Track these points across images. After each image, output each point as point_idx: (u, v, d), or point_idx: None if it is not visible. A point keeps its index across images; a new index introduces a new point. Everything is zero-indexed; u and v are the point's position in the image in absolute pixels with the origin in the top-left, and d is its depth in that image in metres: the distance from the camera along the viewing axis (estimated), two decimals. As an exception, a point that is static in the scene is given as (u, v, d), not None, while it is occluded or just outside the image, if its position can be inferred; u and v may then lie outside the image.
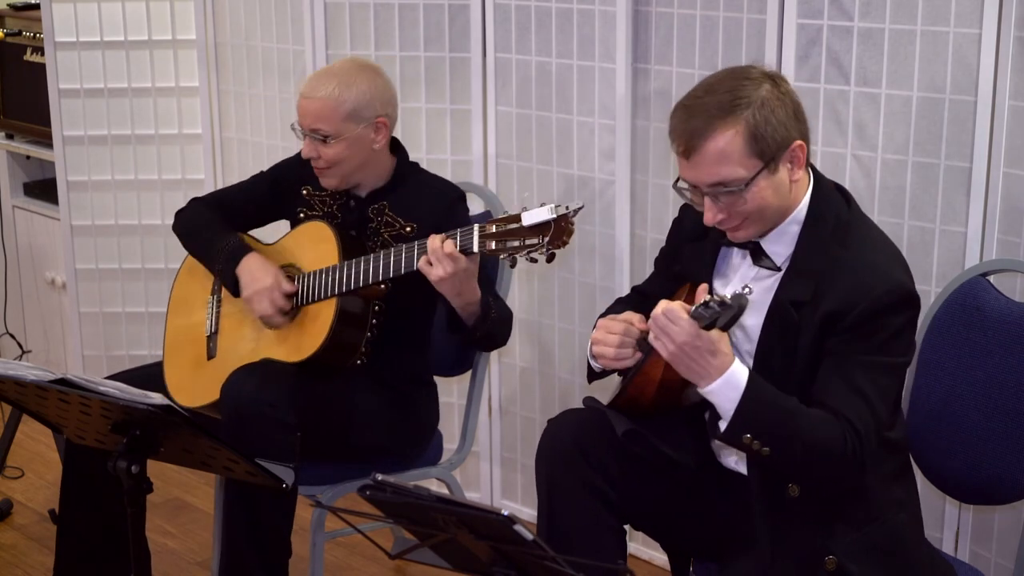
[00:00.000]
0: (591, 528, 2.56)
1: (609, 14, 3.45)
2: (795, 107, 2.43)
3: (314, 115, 3.09)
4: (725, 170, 2.38)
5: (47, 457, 4.26)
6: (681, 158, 2.43)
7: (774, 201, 2.43)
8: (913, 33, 2.98)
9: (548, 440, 2.62)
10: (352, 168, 3.13)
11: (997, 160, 2.93)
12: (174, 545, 3.81)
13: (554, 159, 3.65)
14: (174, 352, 3.29)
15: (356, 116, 3.09)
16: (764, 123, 2.38)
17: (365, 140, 3.11)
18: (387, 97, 3.15)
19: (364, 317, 3.06)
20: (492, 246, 2.80)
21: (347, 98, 3.07)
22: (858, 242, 2.46)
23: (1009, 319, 2.64)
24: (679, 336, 2.29)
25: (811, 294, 2.42)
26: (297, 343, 3.07)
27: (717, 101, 2.39)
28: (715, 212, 2.43)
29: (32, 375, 2.43)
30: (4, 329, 4.90)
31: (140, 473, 2.45)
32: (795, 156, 2.43)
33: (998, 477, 2.63)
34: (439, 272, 2.85)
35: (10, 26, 4.64)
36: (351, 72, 3.11)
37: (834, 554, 2.41)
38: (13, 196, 4.81)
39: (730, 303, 2.22)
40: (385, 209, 3.16)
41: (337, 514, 2.25)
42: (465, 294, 2.92)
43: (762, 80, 2.42)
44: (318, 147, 3.10)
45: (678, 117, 2.43)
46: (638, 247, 3.56)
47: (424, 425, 3.25)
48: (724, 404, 2.34)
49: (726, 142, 2.37)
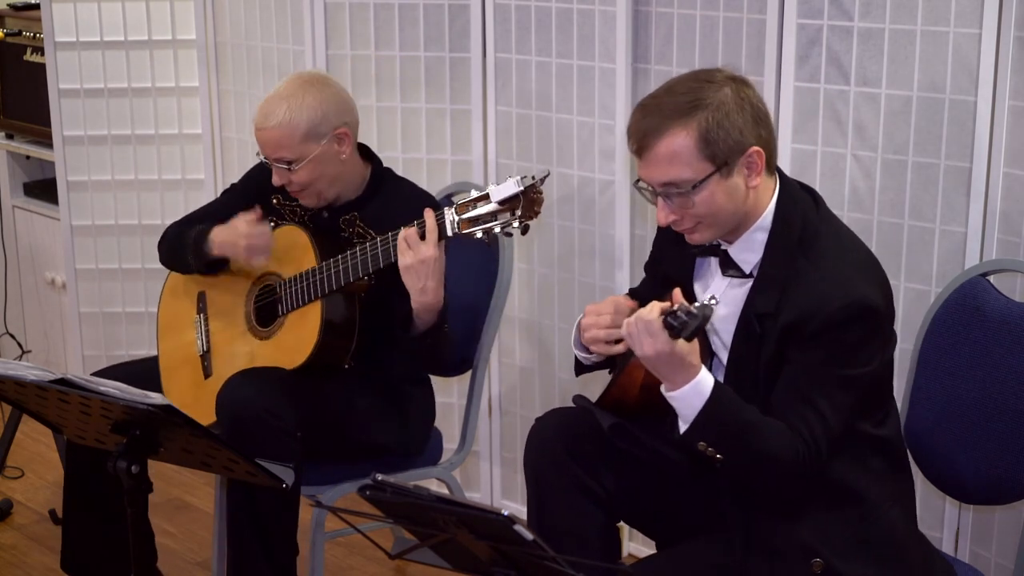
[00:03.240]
0: (581, 526, 2.57)
1: (609, 14, 3.45)
2: (755, 112, 2.42)
3: (273, 144, 3.06)
4: (674, 171, 2.39)
5: (47, 457, 4.26)
6: (636, 157, 2.45)
7: (727, 206, 2.43)
8: (913, 33, 2.98)
9: (535, 439, 2.63)
10: (326, 184, 3.11)
11: (997, 160, 2.93)
12: (174, 545, 3.81)
13: (554, 159, 3.65)
14: (171, 375, 3.29)
15: (314, 134, 3.05)
16: (717, 127, 2.38)
17: (330, 155, 3.08)
18: (341, 106, 3.11)
19: (352, 313, 3.05)
20: (465, 225, 2.81)
21: (300, 120, 3.03)
22: (823, 251, 2.44)
23: (1009, 319, 2.64)
24: (648, 347, 2.33)
25: (775, 305, 2.42)
26: (290, 349, 3.06)
27: (674, 102, 2.40)
28: (667, 212, 2.45)
29: (32, 375, 2.43)
30: (4, 329, 4.90)
31: (140, 473, 2.45)
32: (752, 162, 2.42)
33: (998, 477, 2.63)
34: (407, 260, 2.84)
35: (10, 26, 4.65)
36: (297, 92, 3.06)
37: (821, 556, 2.41)
38: (13, 196, 4.82)
39: (695, 313, 2.26)
40: (356, 220, 3.14)
41: (337, 514, 2.25)
42: (428, 292, 2.89)
43: (724, 83, 2.42)
44: (286, 174, 3.08)
45: (635, 116, 2.45)
46: (638, 247, 3.55)
47: (421, 423, 3.25)
48: (685, 410, 2.38)
49: (677, 143, 2.38)
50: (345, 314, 3.05)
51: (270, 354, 3.10)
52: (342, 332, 3.06)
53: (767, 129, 2.45)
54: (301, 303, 3.06)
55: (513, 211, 2.76)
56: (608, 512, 2.60)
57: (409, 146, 3.88)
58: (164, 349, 3.34)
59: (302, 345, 3.04)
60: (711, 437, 2.37)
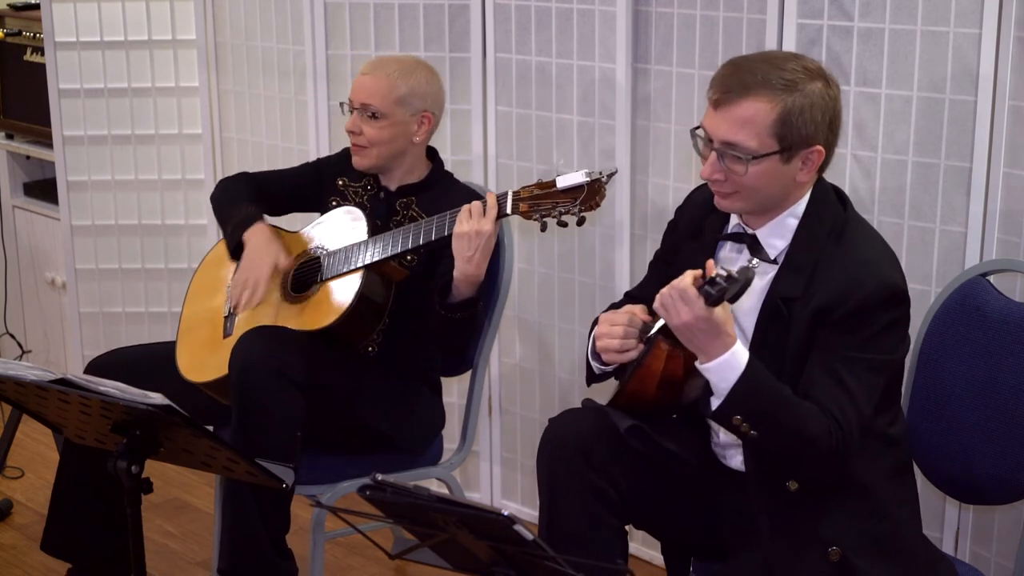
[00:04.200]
0: (593, 529, 2.56)
1: (609, 14, 3.45)
2: (833, 116, 2.46)
3: (369, 91, 3.16)
4: (743, 134, 2.41)
5: (47, 457, 4.26)
6: (710, 106, 2.45)
7: (772, 188, 2.45)
8: (913, 33, 2.98)
9: (549, 441, 2.63)
10: (389, 153, 3.19)
11: (997, 160, 2.94)
12: (174, 545, 3.81)
13: (554, 159, 3.65)
14: (188, 334, 3.29)
15: (406, 103, 3.16)
16: (799, 113, 2.40)
17: (408, 128, 3.18)
18: (438, 97, 3.25)
19: (386, 296, 3.10)
20: (525, 207, 2.89)
21: (403, 83, 3.16)
22: (852, 240, 2.48)
23: (1009, 319, 2.64)
24: (685, 315, 2.32)
25: (802, 289, 2.44)
26: (318, 312, 3.08)
27: (771, 74, 2.41)
28: (714, 169, 2.46)
29: (32, 375, 2.43)
30: (4, 329, 4.90)
31: (140, 473, 2.45)
32: (810, 159, 2.45)
33: (998, 477, 2.63)
34: (464, 227, 2.91)
35: (10, 26, 4.64)
36: (412, 64, 3.22)
37: (838, 545, 2.42)
38: (13, 196, 4.82)
39: (736, 276, 2.25)
40: (412, 204, 3.21)
41: (337, 514, 2.25)
42: (473, 263, 2.94)
43: (819, 77, 2.44)
44: (363, 123, 3.17)
45: (727, 68, 2.46)
46: (638, 247, 3.56)
47: (426, 423, 3.25)
48: (720, 383, 2.36)
49: (758, 111, 2.40)
50: (382, 293, 3.09)
51: (295, 316, 3.11)
52: (374, 310, 3.09)
53: (835, 136, 2.48)
54: (340, 270, 3.09)
55: (573, 200, 2.85)
56: (619, 515, 2.60)
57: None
58: (188, 311, 3.34)
59: (332, 309, 3.05)
60: (746, 411, 2.36)
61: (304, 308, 3.12)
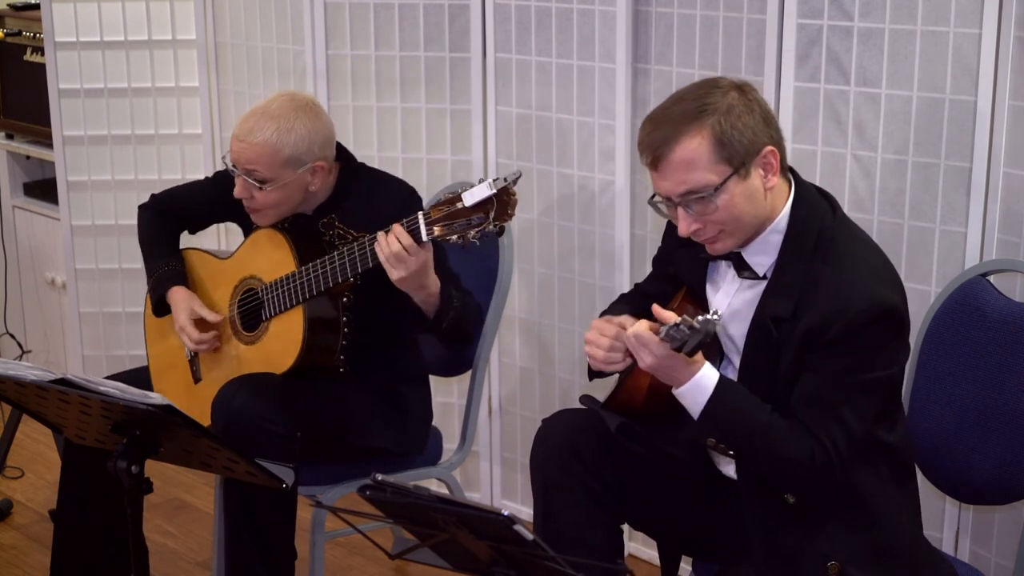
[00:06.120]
0: (587, 528, 2.57)
1: (609, 14, 3.45)
2: (764, 113, 2.43)
3: (250, 160, 3.00)
4: (693, 177, 2.38)
5: (47, 457, 4.26)
6: (651, 170, 2.44)
7: (748, 209, 2.42)
8: (913, 33, 2.98)
9: (542, 441, 2.63)
10: (288, 209, 3.08)
11: (997, 160, 2.93)
12: (174, 545, 3.81)
13: (554, 159, 3.65)
14: (161, 379, 3.29)
15: (294, 162, 3.00)
16: (730, 128, 2.38)
17: (301, 183, 3.04)
18: (326, 140, 3.06)
19: (335, 314, 3.03)
20: (440, 230, 2.76)
21: (285, 144, 2.98)
22: (840, 256, 2.44)
23: (1009, 319, 2.64)
24: (648, 358, 2.37)
25: (791, 310, 2.42)
26: (277, 354, 3.05)
27: (683, 109, 2.40)
28: (689, 223, 2.43)
29: (32, 375, 2.43)
30: (4, 329, 4.90)
31: (140, 473, 2.45)
32: (767, 162, 2.42)
33: (998, 477, 2.63)
34: (400, 272, 2.82)
35: (10, 26, 4.65)
36: (290, 115, 3.01)
37: (836, 560, 2.41)
38: (13, 196, 4.82)
39: (698, 328, 2.26)
40: (335, 222, 3.09)
41: (337, 514, 2.25)
42: (427, 287, 2.89)
43: (729, 88, 2.42)
44: (252, 189, 3.03)
45: (645, 129, 2.44)
46: (638, 247, 3.56)
47: (419, 423, 3.24)
48: (692, 406, 2.41)
49: (692, 149, 2.38)
50: (329, 312, 3.02)
51: (257, 358, 3.09)
52: (327, 330, 3.03)
53: (776, 130, 2.46)
54: (282, 308, 3.03)
55: (487, 214, 2.72)
56: (613, 514, 2.60)
57: (409, 146, 3.88)
58: (152, 353, 3.34)
59: (289, 349, 3.02)
60: (717, 433, 2.40)
61: (263, 347, 3.09)
